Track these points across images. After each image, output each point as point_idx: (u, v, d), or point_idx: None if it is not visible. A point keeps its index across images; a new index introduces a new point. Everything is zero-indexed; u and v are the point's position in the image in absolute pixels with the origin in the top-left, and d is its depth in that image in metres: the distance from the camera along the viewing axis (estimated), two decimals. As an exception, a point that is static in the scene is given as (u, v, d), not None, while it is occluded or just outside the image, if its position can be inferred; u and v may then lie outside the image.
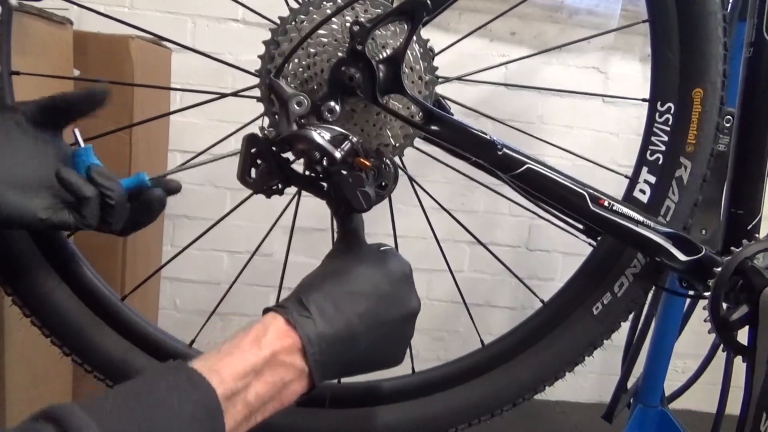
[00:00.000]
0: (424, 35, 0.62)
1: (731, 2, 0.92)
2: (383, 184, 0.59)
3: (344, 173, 0.56)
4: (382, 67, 0.59)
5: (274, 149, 0.60)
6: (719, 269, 0.67)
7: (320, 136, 0.55)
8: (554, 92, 1.59)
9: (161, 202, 0.62)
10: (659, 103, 0.69)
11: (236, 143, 0.62)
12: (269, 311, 0.52)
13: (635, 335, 1.22)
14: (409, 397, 0.74)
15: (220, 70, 1.46)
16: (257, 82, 0.63)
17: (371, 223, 0.61)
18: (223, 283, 1.64)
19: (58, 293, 0.68)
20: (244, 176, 0.60)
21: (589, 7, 1.57)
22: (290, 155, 0.60)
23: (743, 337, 0.67)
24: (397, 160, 0.65)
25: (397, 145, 0.64)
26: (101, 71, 1.17)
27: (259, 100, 0.63)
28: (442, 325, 1.73)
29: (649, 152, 0.70)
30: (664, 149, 0.69)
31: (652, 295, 1.16)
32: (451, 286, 0.94)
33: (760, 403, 0.64)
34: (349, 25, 0.58)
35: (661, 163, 0.70)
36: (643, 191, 0.71)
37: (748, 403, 0.66)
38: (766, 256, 0.67)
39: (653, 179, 0.70)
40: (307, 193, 0.62)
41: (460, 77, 0.86)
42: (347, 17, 0.60)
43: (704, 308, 0.67)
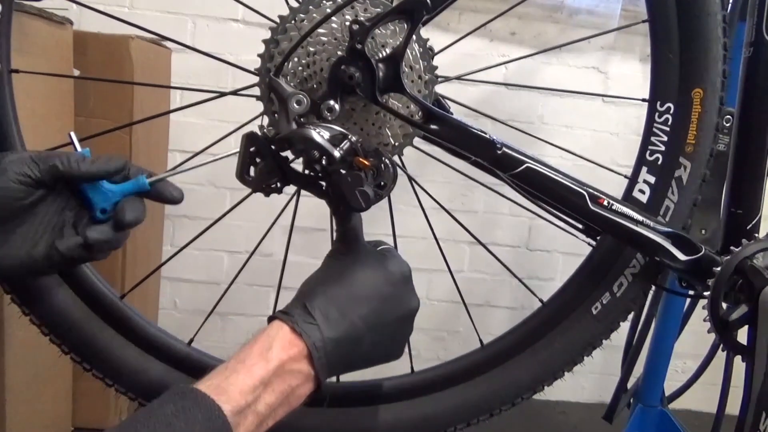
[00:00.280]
0: (423, 35, 0.62)
1: (731, 2, 0.92)
2: (382, 183, 0.59)
3: (343, 172, 0.56)
4: (381, 66, 0.59)
5: (273, 148, 0.60)
6: (719, 269, 0.67)
7: (319, 135, 0.55)
8: (554, 92, 1.59)
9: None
10: (659, 103, 0.69)
11: (236, 143, 0.62)
12: (274, 320, 0.53)
13: (635, 335, 1.22)
14: (408, 396, 0.74)
15: (220, 69, 1.47)
16: (257, 81, 0.63)
17: (371, 223, 0.61)
18: (222, 283, 1.63)
19: (57, 292, 0.67)
20: (243, 175, 0.60)
21: (589, 7, 1.57)
22: (289, 154, 0.60)
23: (743, 337, 0.67)
24: (396, 159, 0.65)
25: (396, 144, 0.64)
26: (101, 71, 1.17)
27: (258, 98, 0.63)
28: (442, 325, 1.73)
29: (648, 152, 0.70)
30: (663, 149, 0.69)
31: (652, 295, 1.16)
32: (451, 286, 0.94)
33: (759, 402, 0.64)
34: (348, 23, 0.58)
35: (660, 163, 0.70)
36: (642, 191, 0.71)
37: (747, 403, 0.66)
38: (765, 255, 0.67)
39: (653, 179, 0.70)
40: (306, 192, 0.62)
41: (459, 77, 0.86)
42: (347, 16, 0.60)
43: (704, 308, 0.67)
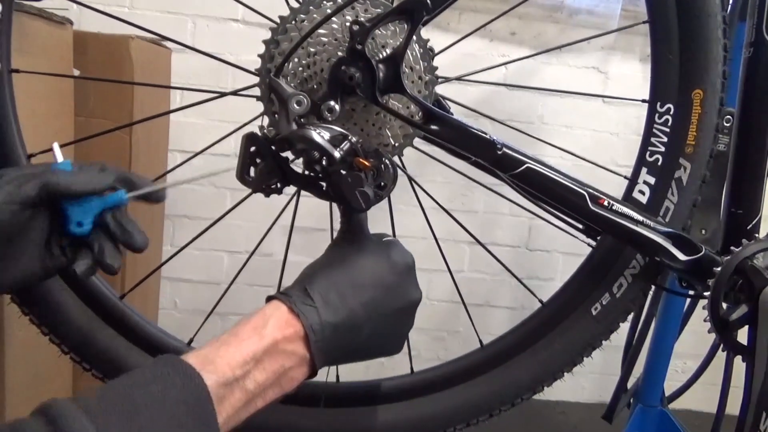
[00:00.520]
0: (423, 35, 0.62)
1: (731, 3, 0.92)
2: (382, 184, 0.59)
3: (343, 173, 0.56)
4: (381, 66, 0.59)
5: (273, 148, 0.60)
6: (719, 269, 0.67)
7: (319, 135, 0.55)
8: (554, 92, 1.59)
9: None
10: (659, 104, 0.69)
11: (236, 143, 0.62)
12: (273, 299, 0.53)
13: (635, 335, 1.22)
14: (407, 396, 0.74)
15: (220, 70, 1.47)
16: (257, 81, 0.63)
17: (371, 223, 0.61)
18: (222, 283, 1.63)
19: (57, 292, 0.67)
20: (243, 175, 0.60)
21: (589, 7, 1.57)
22: (289, 154, 0.60)
23: (743, 337, 0.67)
24: (396, 160, 0.65)
25: (396, 144, 0.64)
26: (101, 71, 1.17)
27: (258, 99, 0.63)
28: (442, 325, 1.73)
29: (648, 153, 0.70)
30: (663, 150, 0.69)
31: (652, 295, 1.16)
32: (451, 286, 0.94)
33: (759, 402, 0.64)
34: (349, 24, 0.58)
35: (660, 164, 0.70)
36: (642, 192, 0.71)
37: (747, 403, 0.66)
38: (765, 255, 0.67)
39: (652, 180, 0.70)
40: (306, 192, 0.62)
41: (460, 77, 0.86)
42: (347, 16, 0.60)
43: (704, 308, 0.67)
